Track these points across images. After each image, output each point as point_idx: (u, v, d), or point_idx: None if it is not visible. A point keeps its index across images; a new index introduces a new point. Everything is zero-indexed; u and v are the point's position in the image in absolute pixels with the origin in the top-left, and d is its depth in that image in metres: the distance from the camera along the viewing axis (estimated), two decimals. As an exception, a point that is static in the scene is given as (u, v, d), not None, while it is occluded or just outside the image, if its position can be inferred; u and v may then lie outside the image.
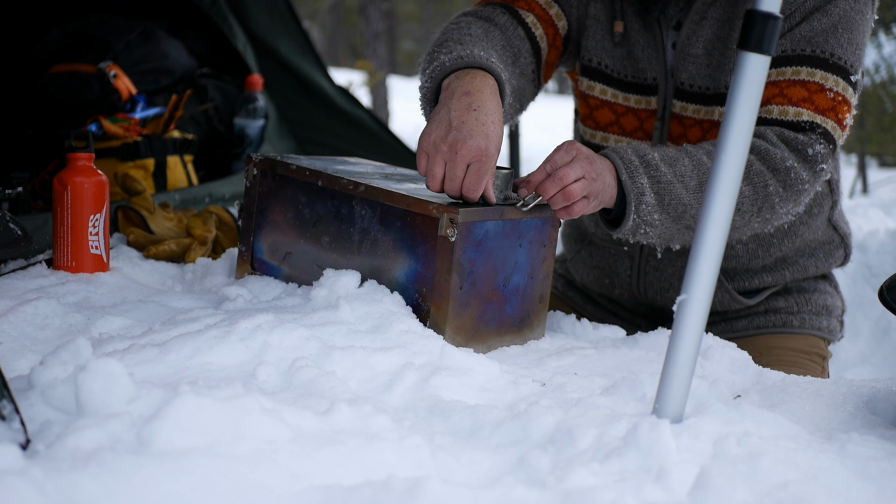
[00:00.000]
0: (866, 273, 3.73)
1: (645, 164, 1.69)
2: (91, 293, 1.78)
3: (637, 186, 1.67)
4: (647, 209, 1.68)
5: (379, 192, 1.63)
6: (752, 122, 1.25)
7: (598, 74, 2.02)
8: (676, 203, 1.70)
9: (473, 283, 1.60)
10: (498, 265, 1.63)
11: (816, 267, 2.10)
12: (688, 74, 1.92)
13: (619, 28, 1.97)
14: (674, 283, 2.07)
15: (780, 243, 2.05)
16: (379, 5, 10.31)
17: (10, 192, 2.10)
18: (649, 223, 1.70)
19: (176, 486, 0.97)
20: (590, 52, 2.02)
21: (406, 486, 0.99)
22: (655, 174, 1.69)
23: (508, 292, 1.67)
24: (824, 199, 2.07)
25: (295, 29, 3.33)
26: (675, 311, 1.24)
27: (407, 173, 1.91)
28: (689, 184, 1.71)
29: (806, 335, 2.09)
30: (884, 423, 1.40)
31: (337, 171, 1.73)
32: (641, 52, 1.97)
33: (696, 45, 1.91)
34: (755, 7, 1.24)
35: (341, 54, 23.00)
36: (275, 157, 1.78)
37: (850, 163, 10.88)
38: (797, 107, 1.79)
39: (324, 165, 1.79)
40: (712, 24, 1.90)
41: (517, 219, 1.64)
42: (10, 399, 1.07)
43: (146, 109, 2.70)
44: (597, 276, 2.19)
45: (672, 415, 1.24)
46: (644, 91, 1.98)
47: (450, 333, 1.57)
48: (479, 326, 1.63)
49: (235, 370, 1.38)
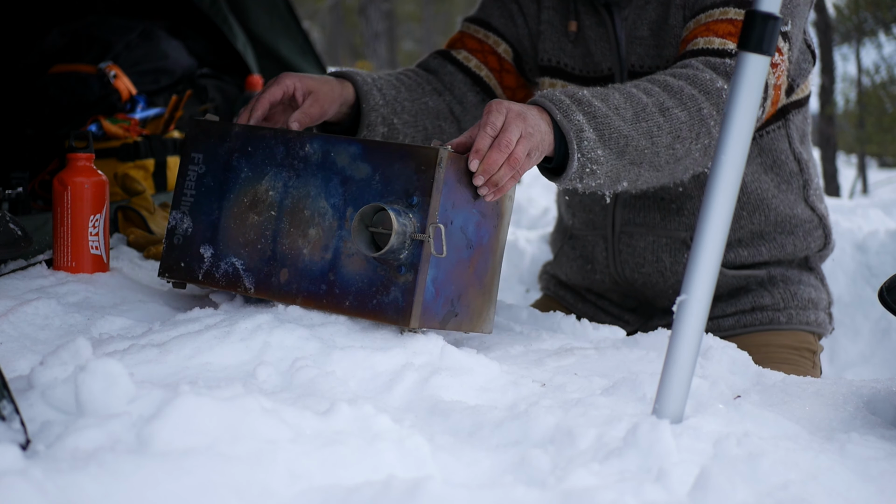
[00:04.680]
0: (866, 273, 3.73)
1: (577, 101, 1.65)
2: (91, 293, 1.78)
3: (574, 124, 1.61)
4: (589, 145, 1.63)
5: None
6: (753, 122, 1.25)
7: (557, 72, 2.12)
8: (617, 136, 1.66)
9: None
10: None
11: (795, 246, 2.12)
12: (637, 56, 2.02)
13: (573, 27, 2.08)
14: (647, 257, 2.11)
15: (751, 216, 2.09)
16: (379, 5, 10.32)
17: (10, 192, 2.10)
18: (594, 160, 1.64)
19: (176, 486, 0.97)
20: (548, 53, 2.13)
21: (406, 487, 0.99)
22: (590, 109, 1.65)
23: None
24: (793, 177, 2.11)
25: (295, 29, 3.33)
26: (675, 311, 1.24)
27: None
28: (626, 115, 1.68)
29: (794, 331, 2.11)
30: (884, 423, 1.40)
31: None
32: (595, 46, 2.07)
33: (641, 27, 2.01)
34: (755, 7, 1.24)
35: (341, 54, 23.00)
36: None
37: (850, 163, 10.89)
38: (723, 38, 1.85)
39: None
40: (655, 7, 2.00)
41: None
42: (10, 399, 1.07)
43: (146, 110, 2.70)
44: (580, 265, 2.24)
45: (672, 415, 1.24)
46: (601, 82, 2.04)
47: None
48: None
49: (235, 370, 1.38)
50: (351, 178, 1.58)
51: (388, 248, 1.49)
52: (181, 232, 1.71)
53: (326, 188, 1.59)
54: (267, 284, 1.61)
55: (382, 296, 1.53)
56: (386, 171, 1.55)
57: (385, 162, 1.55)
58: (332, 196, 1.59)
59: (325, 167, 1.60)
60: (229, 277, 1.65)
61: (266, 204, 1.63)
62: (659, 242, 2.09)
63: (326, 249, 1.58)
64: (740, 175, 1.24)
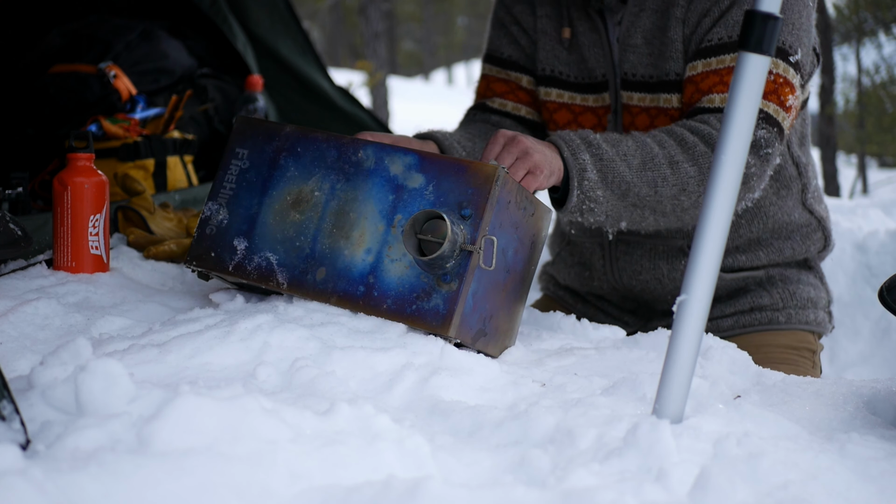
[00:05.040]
0: (866, 273, 3.73)
1: (587, 143, 1.77)
2: (91, 293, 1.78)
3: (579, 163, 1.74)
4: (590, 184, 1.75)
5: None
6: (752, 122, 1.25)
7: (553, 81, 2.15)
8: (619, 181, 1.77)
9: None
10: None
11: (794, 250, 2.13)
12: (630, 64, 2.03)
13: (566, 34, 2.11)
14: (644, 264, 2.12)
15: (750, 224, 2.09)
16: (379, 5, 10.31)
17: (10, 192, 2.10)
18: (593, 199, 1.76)
19: (176, 486, 0.97)
20: (542, 62, 2.16)
21: (406, 487, 1.00)
22: (597, 152, 1.76)
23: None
24: (792, 182, 2.11)
25: (295, 29, 3.33)
26: (675, 311, 1.24)
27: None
28: (632, 162, 1.78)
29: (793, 330, 2.11)
30: (884, 423, 1.40)
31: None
32: (589, 52, 2.09)
33: (635, 35, 2.02)
34: (755, 7, 1.24)
35: (341, 54, 23.01)
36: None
37: (850, 163, 10.89)
38: None
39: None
40: (650, 15, 2.01)
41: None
42: (10, 399, 1.07)
43: (146, 110, 2.70)
44: (578, 272, 2.26)
45: (672, 415, 1.24)
46: (596, 89, 2.09)
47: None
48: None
49: (235, 370, 1.38)
50: (403, 186, 1.59)
51: (440, 254, 1.49)
52: (216, 222, 1.70)
53: (376, 194, 1.60)
54: (301, 281, 1.61)
55: (423, 302, 1.53)
56: (441, 182, 1.57)
57: (441, 174, 1.57)
58: (381, 202, 1.59)
59: (377, 173, 1.61)
60: (262, 271, 1.64)
61: (310, 204, 1.63)
62: (656, 250, 2.10)
63: (369, 252, 1.58)
64: (740, 175, 1.24)
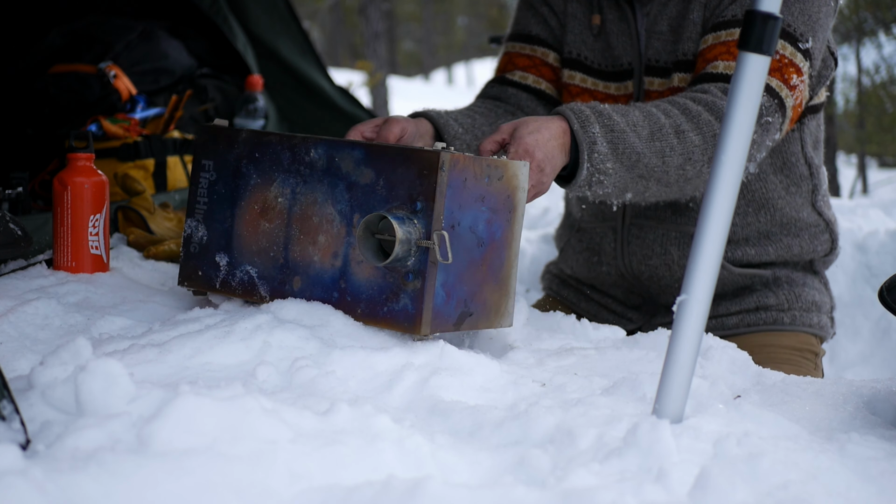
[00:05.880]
0: (866, 273, 3.72)
1: (597, 113, 1.74)
2: (91, 293, 1.78)
3: (589, 136, 1.70)
4: (600, 157, 1.71)
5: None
6: (752, 122, 1.25)
7: (578, 65, 2.16)
8: (630, 151, 1.75)
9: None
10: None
11: (801, 248, 2.13)
12: (654, 51, 2.06)
13: (596, 21, 2.12)
14: (655, 249, 2.12)
15: (758, 214, 2.10)
16: (379, 5, 10.31)
17: (10, 192, 2.10)
18: (602, 171, 1.73)
19: (176, 486, 0.97)
20: (570, 45, 2.17)
21: (406, 487, 1.00)
22: (608, 123, 1.73)
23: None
24: (803, 181, 2.13)
25: (295, 29, 3.33)
26: (675, 312, 1.24)
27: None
28: (642, 133, 1.76)
29: (797, 332, 2.12)
30: (884, 423, 1.40)
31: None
32: (616, 40, 2.11)
33: (661, 23, 2.05)
34: (755, 7, 1.24)
35: (341, 54, 23.00)
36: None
37: (850, 163, 10.89)
38: None
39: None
40: (677, 4, 2.03)
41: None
42: (10, 399, 1.07)
43: (146, 109, 2.70)
44: (586, 258, 2.26)
45: (672, 415, 1.24)
46: (620, 77, 2.11)
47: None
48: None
49: (235, 370, 1.38)
50: (356, 183, 1.56)
51: (394, 258, 1.47)
52: (197, 240, 1.70)
53: (333, 194, 1.58)
54: (281, 293, 1.60)
55: (393, 303, 1.51)
56: (389, 175, 1.53)
57: (388, 167, 1.53)
58: (339, 202, 1.57)
59: (330, 172, 1.58)
60: (245, 286, 1.64)
61: (276, 211, 1.62)
62: (668, 235, 2.10)
63: (336, 257, 1.56)
64: (740, 175, 1.24)
